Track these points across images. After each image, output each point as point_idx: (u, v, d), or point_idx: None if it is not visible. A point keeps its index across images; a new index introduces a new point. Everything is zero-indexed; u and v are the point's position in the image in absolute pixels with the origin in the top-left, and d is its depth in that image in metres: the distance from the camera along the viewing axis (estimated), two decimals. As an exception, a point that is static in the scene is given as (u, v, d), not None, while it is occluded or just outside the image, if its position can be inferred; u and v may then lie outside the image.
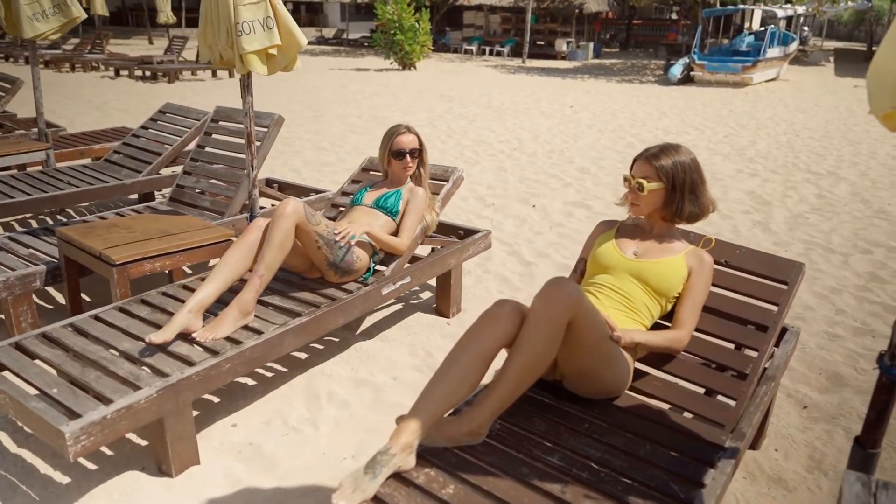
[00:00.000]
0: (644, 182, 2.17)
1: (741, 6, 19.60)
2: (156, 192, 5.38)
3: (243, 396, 2.71)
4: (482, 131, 9.07)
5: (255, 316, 2.58)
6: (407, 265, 3.16)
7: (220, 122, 4.31)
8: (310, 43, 29.97)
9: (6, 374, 2.22)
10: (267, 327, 2.51)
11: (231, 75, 14.70)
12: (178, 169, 5.68)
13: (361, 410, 2.65)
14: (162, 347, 2.33)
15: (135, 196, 5.23)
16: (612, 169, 7.01)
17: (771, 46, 16.36)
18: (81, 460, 2.31)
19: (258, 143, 3.96)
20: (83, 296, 3.42)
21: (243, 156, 4.01)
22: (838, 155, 7.88)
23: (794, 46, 18.81)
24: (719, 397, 2.18)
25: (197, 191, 4.12)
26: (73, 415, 1.97)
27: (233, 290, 2.66)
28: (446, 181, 3.41)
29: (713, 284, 2.31)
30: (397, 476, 1.72)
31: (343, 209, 3.51)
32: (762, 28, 18.28)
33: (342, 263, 2.81)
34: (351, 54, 24.61)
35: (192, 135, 4.84)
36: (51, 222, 4.70)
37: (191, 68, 13.88)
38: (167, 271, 3.23)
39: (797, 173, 6.93)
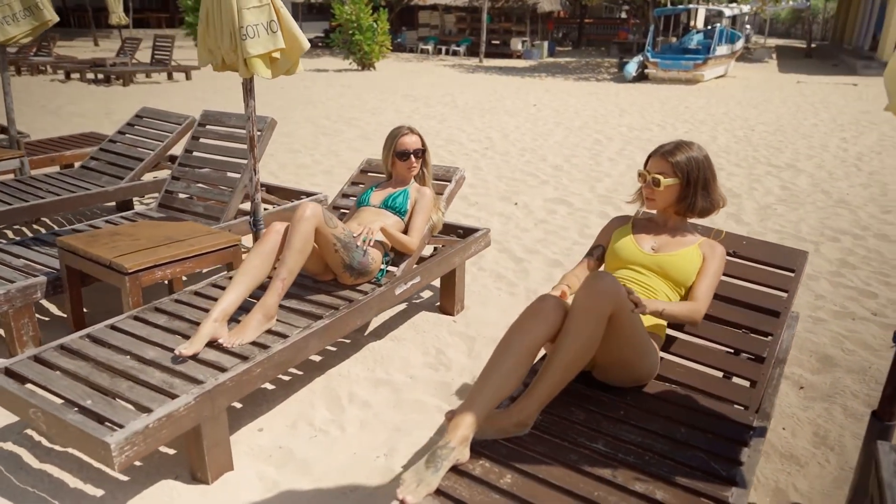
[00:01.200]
0: (661, 178, 2.27)
1: (690, 5, 20.21)
2: (134, 200, 5.28)
3: (265, 401, 2.71)
4: (452, 131, 9.14)
5: (277, 320, 2.58)
6: (415, 265, 3.20)
7: (208, 126, 4.26)
8: (262, 43, 29.47)
9: (30, 387, 2.17)
10: (290, 331, 2.52)
11: (188, 77, 14.39)
12: (161, 174, 5.59)
13: (384, 409, 2.69)
14: (190, 356, 2.32)
15: (112, 204, 5.11)
16: (585, 166, 7.18)
17: (719, 44, 16.93)
18: (111, 472, 2.28)
19: (251, 147, 3.93)
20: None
21: (236, 160, 3.99)
22: (794, 148, 8.24)
23: (740, 44, 19.53)
24: (735, 379, 2.30)
25: (188, 196, 4.07)
26: (113, 425, 1.95)
27: (252, 296, 2.65)
28: (449, 181, 3.46)
29: (726, 274, 2.44)
30: (454, 469, 1.77)
31: (346, 211, 3.52)
32: (710, 27, 18.90)
33: (358, 265, 2.83)
34: (307, 55, 24.34)
35: (175, 139, 4.76)
36: (29, 233, 4.57)
37: (145, 70, 13.53)
38: (166, 281, 3.19)
39: (759, 167, 7.23)
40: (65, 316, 3.42)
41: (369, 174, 3.76)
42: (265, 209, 4.11)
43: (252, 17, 2.95)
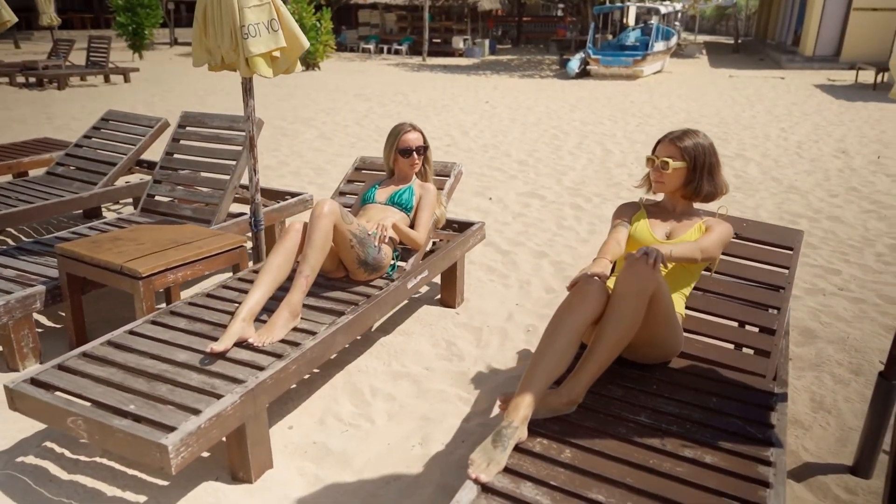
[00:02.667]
0: (669, 161, 2.40)
1: (627, 3, 20.85)
2: (103, 207, 5.11)
3: (290, 399, 2.71)
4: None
5: (301, 318, 2.59)
6: (421, 259, 3.25)
7: (189, 128, 4.18)
8: (196, 44, 28.68)
9: (62, 395, 2.12)
10: (316, 328, 2.53)
11: (127, 80, 13.88)
12: (132, 178, 5.43)
13: (409, 401, 2.74)
14: (222, 355, 2.31)
15: (79, 213, 4.93)
16: (548, 160, 7.36)
17: (656, 41, 17.57)
18: (149, 478, 2.24)
19: (239, 148, 3.89)
20: (75, 315, 3.24)
21: (223, 161, 3.93)
22: (739, 139, 8.68)
23: (674, 41, 20.30)
24: (745, 351, 2.47)
25: (171, 199, 3.98)
26: (164, 428, 1.94)
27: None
28: (448, 176, 3.53)
29: (732, 254, 2.60)
30: (516, 447, 1.85)
31: (347, 209, 3.53)
32: (649, 24, 19.56)
33: (372, 261, 2.87)
34: (244, 55, 23.81)
35: (148, 142, 4.65)
36: (-2, 243, 4.37)
37: (81, 73, 12.98)
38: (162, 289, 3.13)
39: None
40: (58, 327, 3.31)
41: (363, 171, 3.78)
42: (252, 210, 4.08)
43: (253, 15, 2.93)
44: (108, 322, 3.34)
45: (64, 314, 3.43)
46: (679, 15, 23.04)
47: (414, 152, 3.18)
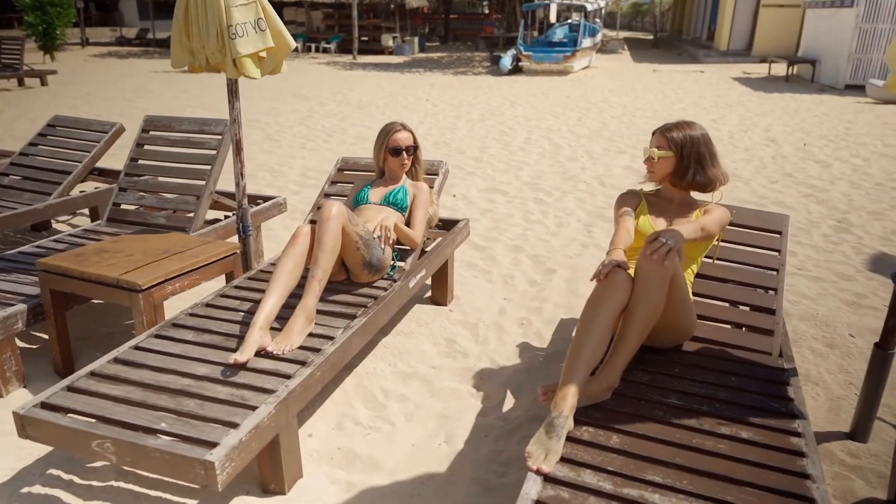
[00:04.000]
0: (656, 150, 2.51)
1: (550, 0, 21.31)
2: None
3: (304, 407, 2.65)
4: (358, 128, 9.09)
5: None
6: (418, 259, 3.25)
7: (153, 133, 4.00)
8: (110, 45, 27.33)
9: (80, 417, 2.00)
10: (332, 332, 2.49)
11: (44, 83, 13.06)
12: (87, 188, 5.14)
13: (423, 400, 2.74)
14: (243, 366, 2.24)
15: (26, 226, 4.62)
16: (502, 156, 7.46)
17: (584, 37, 18.07)
18: (175, 497, 2.15)
19: (213, 152, 3.76)
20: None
21: (197, 166, 3.79)
22: (676, 130, 9.05)
23: (599, 37, 20.92)
24: (748, 330, 2.60)
25: (139, 207, 3.80)
26: (204, 444, 1.87)
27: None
28: (436, 174, 3.53)
29: (727, 240, 2.74)
30: (566, 437, 1.89)
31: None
32: (574, 21, 20.09)
33: (376, 262, 2.85)
34: (164, 56, 22.89)
35: (104, 148, 4.42)
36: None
37: (-9, 77, 12.13)
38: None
39: (654, 148, 7.89)
40: (34, 347, 3.11)
41: (346, 172, 3.73)
42: (227, 216, 3.96)
43: (240, 15, 2.85)
44: (88, 339, 3.17)
45: (39, 335, 3.22)
46: (602, 12, 23.76)
47: (404, 151, 3.17)
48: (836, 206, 5.57)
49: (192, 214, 3.62)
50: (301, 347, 2.39)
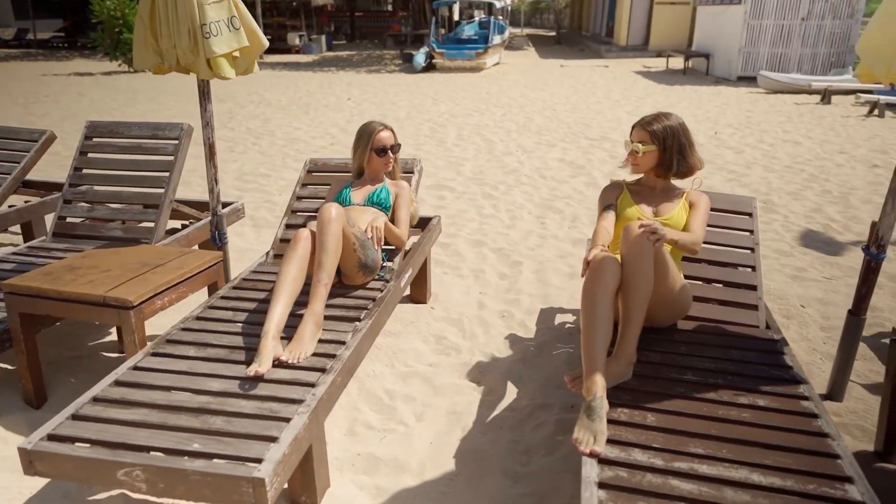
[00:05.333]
0: (640, 145, 2.63)
1: (455, -2, 21.58)
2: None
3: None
4: (286, 129, 8.86)
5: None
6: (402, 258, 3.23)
7: (97, 140, 3.74)
8: (-16, 46, 25.09)
9: (98, 449, 1.86)
10: (341, 336, 2.44)
11: (-82, 90, 11.83)
12: (18, 201, 4.72)
13: (428, 399, 2.73)
14: (260, 378, 2.16)
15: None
16: (439, 153, 7.50)
17: (494, 34, 18.43)
18: (201, 521, 2.04)
19: (170, 158, 3.57)
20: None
21: (152, 173, 3.59)
22: (597, 123, 9.43)
23: (507, 34, 21.38)
24: (732, 308, 2.78)
25: (84, 220, 3.55)
26: (247, 461, 1.79)
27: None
28: (411, 172, 3.52)
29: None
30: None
31: (307, 214, 3.39)
32: (482, 18, 20.42)
33: (371, 263, 2.81)
34: (50, 57, 21.30)
35: (35, 158, 4.08)
36: None
37: None
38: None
39: (581, 141, 8.18)
40: (-8, 377, 2.84)
41: (315, 174, 3.64)
42: (184, 225, 3.77)
43: (213, 13, 2.73)
44: (53, 365, 2.93)
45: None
46: (508, 10, 24.30)
47: (389, 150, 3.14)
48: (758, 188, 6.00)
49: (151, 224, 3.41)
50: (314, 354, 2.33)
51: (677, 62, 18.12)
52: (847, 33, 14.37)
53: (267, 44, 2.96)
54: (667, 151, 2.64)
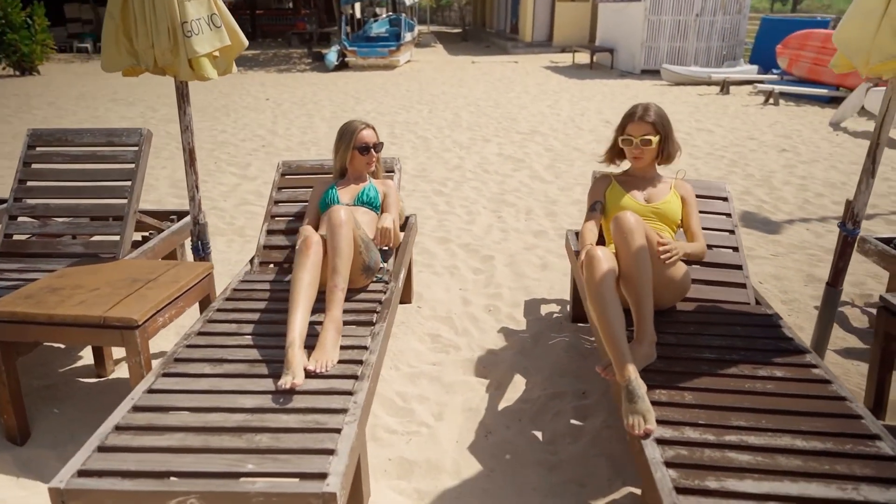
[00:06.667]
0: (651, 138, 2.74)
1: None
2: None
3: (332, 424, 2.50)
4: (210, 132, 8.47)
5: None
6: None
7: (41, 149, 3.43)
8: None
9: (142, 481, 1.73)
10: (361, 341, 2.38)
11: None
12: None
13: (441, 397, 2.72)
14: (292, 391, 2.08)
15: None
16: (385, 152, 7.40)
17: (405, 31, 18.42)
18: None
19: (130, 166, 3.34)
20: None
21: (111, 183, 3.34)
22: (523, 118, 9.64)
23: (416, 31, 21.42)
24: (721, 287, 2.94)
25: (33, 236, 3.26)
26: (309, 477, 1.72)
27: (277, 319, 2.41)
28: (392, 171, 3.47)
29: (689, 209, 3.06)
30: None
31: (287, 218, 3.27)
32: (395, 16, 20.35)
33: (373, 264, 2.76)
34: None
35: (-38, 172, 3.69)
36: None
37: None
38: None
39: (513, 135, 8.34)
40: (-42, 416, 2.55)
41: (289, 177, 3.51)
42: (145, 235, 3.54)
43: (193, 10, 2.59)
44: (29, 395, 2.68)
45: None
46: (416, 8, 24.32)
47: (372, 149, 3.09)
48: (690, 175, 6.35)
49: (116, 238, 3.18)
50: (340, 361, 2.26)
51: (582, 57, 18.82)
52: (736, 28, 15.45)
53: (247, 42, 2.83)
54: (664, 139, 2.75)
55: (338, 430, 1.90)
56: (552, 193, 5.70)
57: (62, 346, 3.15)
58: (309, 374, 2.17)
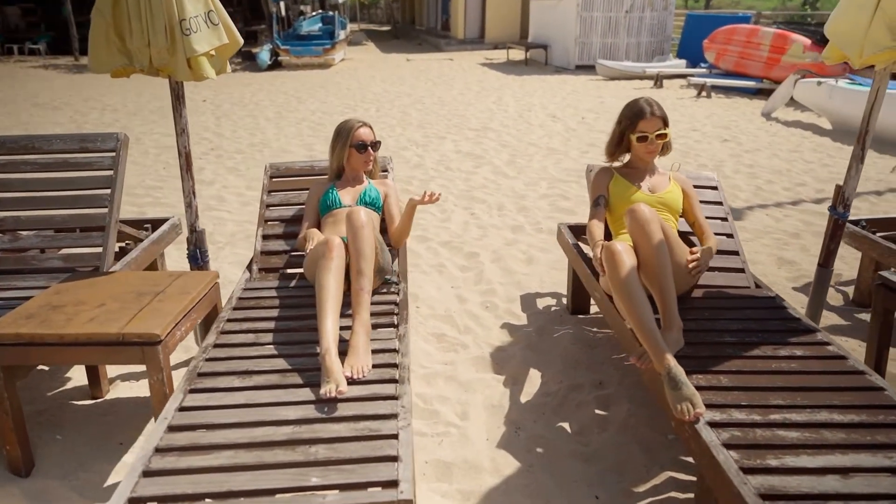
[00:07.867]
0: (666, 132, 2.81)
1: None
2: None
3: (361, 431, 2.44)
4: (153, 136, 8.09)
5: (364, 338, 2.35)
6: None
7: (4, 157, 3.18)
8: None
9: (194, 504, 1.63)
10: (387, 344, 2.33)
11: None
12: None
13: (461, 396, 2.70)
14: (335, 399, 2.01)
15: None
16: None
17: (339, 30, 18.16)
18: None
19: (108, 173, 3.14)
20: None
21: (89, 192, 3.14)
22: (472, 114, 9.69)
23: (349, 29, 21.15)
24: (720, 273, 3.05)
25: (6, 250, 3.02)
26: (378, 486, 1.67)
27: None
28: (386, 171, 3.41)
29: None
30: (687, 386, 2.08)
31: (278, 222, 3.16)
32: (328, 13, 20.02)
33: (386, 266, 2.71)
34: None
35: None
36: None
37: None
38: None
39: (466, 132, 8.37)
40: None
41: (275, 179, 3.39)
42: (122, 245, 3.35)
43: (191, 7, 2.46)
44: (27, 420, 2.47)
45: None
46: (347, 6, 24.00)
47: (370, 147, 3.03)
48: (645, 166, 6.54)
49: (98, 250, 2.98)
50: (374, 365, 2.21)
51: (516, 54, 19.09)
52: (663, 24, 16.05)
53: (242, 41, 2.71)
54: (668, 130, 2.83)
55: (395, 436, 1.85)
56: (519, 188, 5.76)
57: (48, 367, 2.94)
58: (347, 381, 2.11)
